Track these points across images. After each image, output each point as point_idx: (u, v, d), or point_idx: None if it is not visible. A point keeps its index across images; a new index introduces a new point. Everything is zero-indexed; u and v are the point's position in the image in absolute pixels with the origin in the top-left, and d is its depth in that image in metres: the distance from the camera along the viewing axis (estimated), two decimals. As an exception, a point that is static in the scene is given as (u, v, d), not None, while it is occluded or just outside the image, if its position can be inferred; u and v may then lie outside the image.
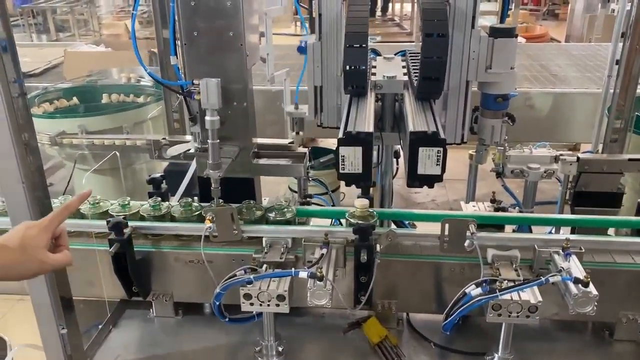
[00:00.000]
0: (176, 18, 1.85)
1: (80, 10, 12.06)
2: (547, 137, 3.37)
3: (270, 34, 2.18)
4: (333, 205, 2.80)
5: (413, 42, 8.55)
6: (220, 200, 1.94)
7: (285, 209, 1.96)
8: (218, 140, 1.84)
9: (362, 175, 1.57)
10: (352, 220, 1.84)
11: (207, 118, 1.82)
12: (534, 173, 2.11)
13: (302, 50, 2.03)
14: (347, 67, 1.72)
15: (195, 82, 1.85)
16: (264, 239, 1.86)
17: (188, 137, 2.59)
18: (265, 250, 1.82)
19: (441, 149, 1.49)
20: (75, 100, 3.63)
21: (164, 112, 3.03)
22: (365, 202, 1.87)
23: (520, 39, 7.78)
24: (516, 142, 2.25)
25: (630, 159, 2.31)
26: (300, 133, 2.25)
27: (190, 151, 2.06)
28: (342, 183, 1.63)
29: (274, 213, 1.95)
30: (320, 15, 1.91)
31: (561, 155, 2.20)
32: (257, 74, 2.10)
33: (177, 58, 1.88)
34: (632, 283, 1.81)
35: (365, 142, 1.53)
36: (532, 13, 12.70)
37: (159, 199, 2.03)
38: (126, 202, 1.99)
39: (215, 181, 1.89)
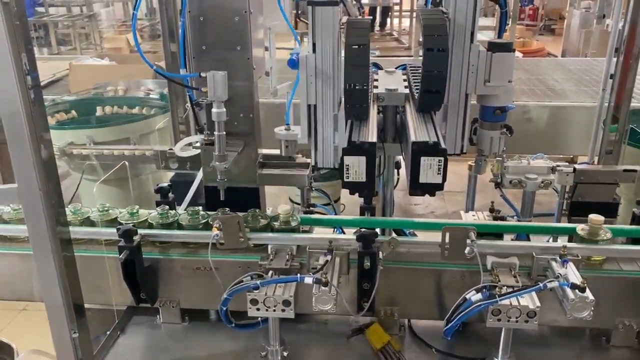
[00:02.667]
0: (186, 32, 1.92)
1: (81, 24, 12.19)
2: (544, 150, 3.40)
3: (274, 48, 2.25)
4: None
5: (412, 56, 8.66)
6: (227, 209, 1.99)
7: (290, 218, 2.00)
8: (224, 132, 1.89)
9: (366, 184, 1.63)
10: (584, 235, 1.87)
11: (214, 110, 1.87)
12: (532, 183, 2.17)
13: (293, 64, 1.81)
14: (348, 86, 1.70)
15: (203, 74, 1.88)
16: (269, 246, 1.91)
17: (194, 148, 2.65)
18: (271, 257, 1.87)
19: (442, 159, 1.55)
20: (73, 113, 3.69)
21: (171, 124, 3.09)
22: (600, 218, 1.85)
23: (517, 54, 7.88)
24: (514, 154, 2.31)
25: (625, 170, 2.37)
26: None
27: (197, 144, 2.10)
28: (343, 194, 1.68)
29: (278, 221, 2.00)
30: (313, 23, 1.76)
31: (558, 166, 2.26)
32: (259, 87, 2.15)
33: (186, 71, 1.95)
34: (628, 290, 1.86)
35: (369, 152, 1.59)
36: (529, 28, 12.90)
37: (167, 207, 2.08)
38: (135, 210, 2.04)
39: (221, 173, 1.93)
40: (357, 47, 1.68)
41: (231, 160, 1.95)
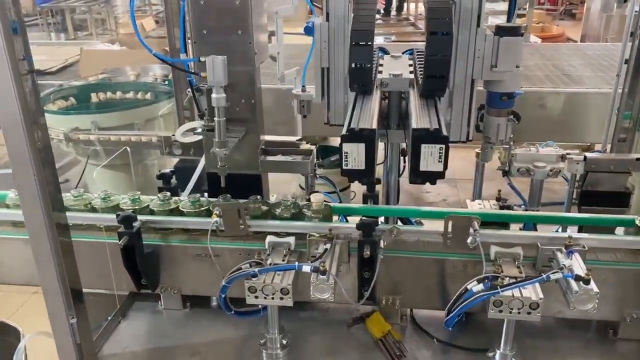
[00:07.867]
0: (186, 16, 1.89)
1: (97, 9, 12.24)
2: (559, 137, 3.34)
3: (281, 32, 2.21)
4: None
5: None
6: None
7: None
8: (224, 118, 1.88)
9: (365, 171, 1.59)
10: None
11: (214, 95, 1.85)
12: (540, 171, 2.12)
13: (309, 30, 1.94)
14: (353, 65, 1.73)
15: (202, 59, 1.87)
16: (266, 241, 1.85)
17: (198, 134, 2.63)
18: (268, 252, 1.82)
19: (443, 146, 1.51)
20: (72, 100, 3.69)
21: (175, 110, 3.08)
22: None
23: (535, 39, 7.70)
24: (528, 141, 2.25)
25: (638, 159, 2.29)
26: (307, 116, 2.19)
27: (198, 130, 2.09)
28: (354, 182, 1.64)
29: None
30: None
31: (568, 154, 2.19)
32: (268, 73, 2.12)
33: (187, 55, 1.92)
34: (636, 282, 1.81)
35: (368, 139, 1.55)
36: (549, 13, 12.60)
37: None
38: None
39: (222, 159, 1.92)
40: (360, 31, 1.67)
41: (232, 147, 1.93)
